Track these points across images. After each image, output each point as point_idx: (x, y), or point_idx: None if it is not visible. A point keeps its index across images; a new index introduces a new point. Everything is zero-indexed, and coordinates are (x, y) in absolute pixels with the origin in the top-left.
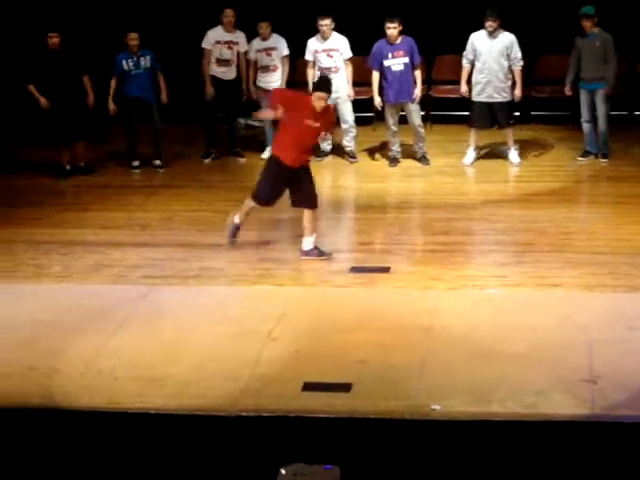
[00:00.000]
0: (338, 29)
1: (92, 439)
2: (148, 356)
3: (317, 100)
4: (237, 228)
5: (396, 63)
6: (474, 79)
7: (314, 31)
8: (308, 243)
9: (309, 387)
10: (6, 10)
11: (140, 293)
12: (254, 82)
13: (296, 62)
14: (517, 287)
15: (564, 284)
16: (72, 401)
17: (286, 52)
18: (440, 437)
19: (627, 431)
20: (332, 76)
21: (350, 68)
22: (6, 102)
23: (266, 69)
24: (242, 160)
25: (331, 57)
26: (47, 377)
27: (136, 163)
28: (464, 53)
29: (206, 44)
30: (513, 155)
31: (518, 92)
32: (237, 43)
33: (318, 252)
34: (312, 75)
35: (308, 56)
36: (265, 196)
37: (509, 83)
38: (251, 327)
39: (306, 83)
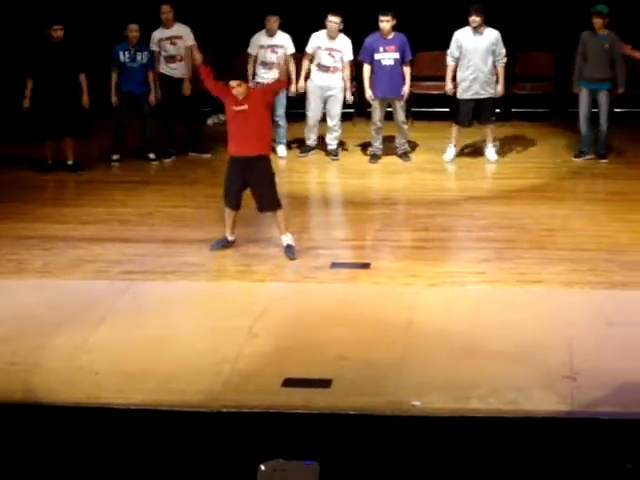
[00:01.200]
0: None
1: (73, 434)
2: (129, 351)
3: (233, 89)
4: (226, 241)
5: (386, 58)
6: (460, 76)
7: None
8: (287, 239)
9: (289, 383)
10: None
11: (121, 288)
12: (253, 77)
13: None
14: (497, 283)
15: (544, 281)
16: (53, 396)
17: (293, 50)
18: (420, 433)
19: (606, 427)
20: (329, 75)
21: (349, 70)
22: None
23: (270, 66)
24: (206, 156)
25: (332, 57)
26: (28, 372)
27: (116, 157)
28: (449, 51)
29: (152, 45)
30: (490, 152)
31: (500, 88)
32: (180, 37)
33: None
34: (307, 68)
35: (309, 49)
36: (226, 196)
37: (494, 79)
38: (232, 323)
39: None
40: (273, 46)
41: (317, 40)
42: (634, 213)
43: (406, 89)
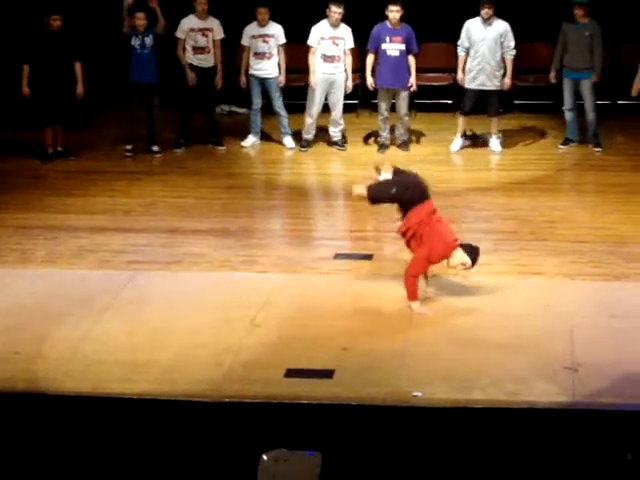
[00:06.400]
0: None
1: (77, 424)
2: (132, 341)
3: None
4: None
5: (392, 48)
6: (467, 66)
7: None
8: None
9: (292, 373)
10: None
11: (124, 279)
12: (246, 70)
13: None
14: (499, 275)
15: (546, 272)
16: (57, 386)
17: (284, 40)
18: (421, 424)
19: (607, 418)
20: (334, 64)
21: (350, 58)
22: None
23: (261, 56)
24: (221, 149)
25: (336, 45)
26: (32, 362)
27: (129, 147)
28: (459, 41)
29: (180, 33)
30: (495, 143)
31: (508, 81)
32: (211, 30)
33: None
34: (313, 61)
35: (312, 42)
36: None
37: (501, 71)
38: (234, 313)
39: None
40: (264, 35)
41: (319, 31)
42: (635, 205)
43: (412, 81)
